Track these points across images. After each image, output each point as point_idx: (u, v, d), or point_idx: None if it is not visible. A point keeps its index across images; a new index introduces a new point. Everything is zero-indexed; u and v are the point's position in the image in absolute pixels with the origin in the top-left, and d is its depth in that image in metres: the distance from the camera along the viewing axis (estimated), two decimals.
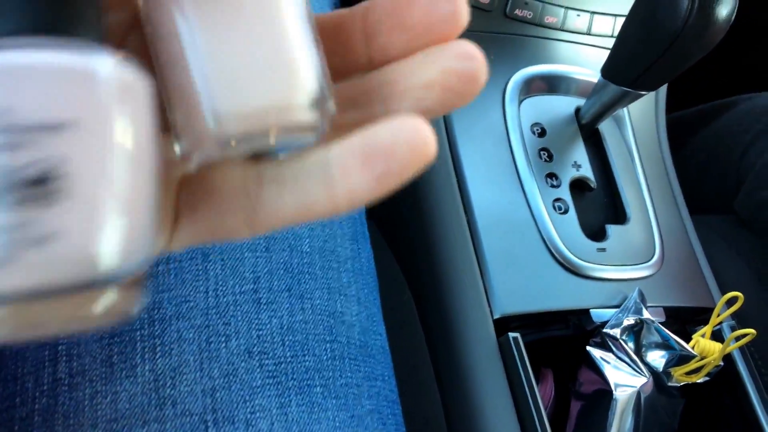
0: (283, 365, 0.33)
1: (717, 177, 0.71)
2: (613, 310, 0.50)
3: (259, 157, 0.19)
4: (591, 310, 0.50)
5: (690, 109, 0.80)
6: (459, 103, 0.18)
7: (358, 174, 0.17)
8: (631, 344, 0.49)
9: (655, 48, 0.46)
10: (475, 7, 0.53)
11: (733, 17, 0.45)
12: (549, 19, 0.56)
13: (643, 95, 0.51)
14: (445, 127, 0.53)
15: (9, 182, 0.12)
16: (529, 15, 0.55)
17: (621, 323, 0.49)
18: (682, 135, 0.76)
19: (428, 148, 0.16)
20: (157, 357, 0.31)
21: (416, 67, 0.18)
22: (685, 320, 0.55)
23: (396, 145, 0.16)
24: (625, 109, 0.59)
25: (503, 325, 0.48)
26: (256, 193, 0.19)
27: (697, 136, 0.76)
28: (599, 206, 0.55)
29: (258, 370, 0.32)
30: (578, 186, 0.54)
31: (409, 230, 0.54)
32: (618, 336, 0.48)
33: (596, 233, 0.53)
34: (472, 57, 0.17)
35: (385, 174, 0.16)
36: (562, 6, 0.55)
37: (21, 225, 0.13)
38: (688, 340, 0.50)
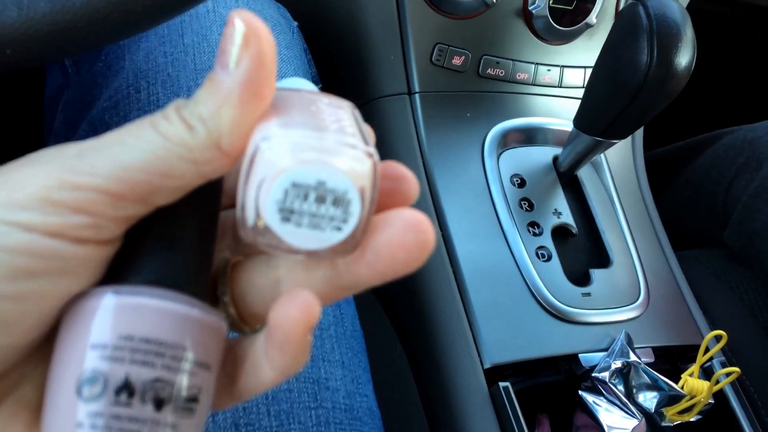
0: None
1: (704, 211, 0.72)
2: (602, 354, 0.51)
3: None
4: (580, 355, 0.51)
5: (673, 145, 0.81)
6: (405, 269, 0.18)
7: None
8: (621, 387, 0.50)
9: (619, 100, 0.48)
10: (450, 69, 0.56)
11: (693, 65, 0.47)
12: (521, 76, 0.58)
13: (616, 143, 0.53)
14: (427, 182, 0.55)
15: (175, 396, 0.18)
16: (501, 73, 0.57)
17: (609, 367, 0.50)
18: (667, 171, 0.78)
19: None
20: None
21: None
22: (675, 359, 0.55)
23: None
24: (602, 154, 0.61)
25: (494, 374, 0.49)
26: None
27: (683, 172, 0.77)
28: (582, 251, 0.56)
29: None
30: (560, 233, 0.56)
31: (397, 286, 0.55)
32: (607, 379, 0.49)
33: (580, 278, 0.55)
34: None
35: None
36: (532, 63, 0.58)
37: (171, 426, 0.18)
38: (678, 378, 0.51)
